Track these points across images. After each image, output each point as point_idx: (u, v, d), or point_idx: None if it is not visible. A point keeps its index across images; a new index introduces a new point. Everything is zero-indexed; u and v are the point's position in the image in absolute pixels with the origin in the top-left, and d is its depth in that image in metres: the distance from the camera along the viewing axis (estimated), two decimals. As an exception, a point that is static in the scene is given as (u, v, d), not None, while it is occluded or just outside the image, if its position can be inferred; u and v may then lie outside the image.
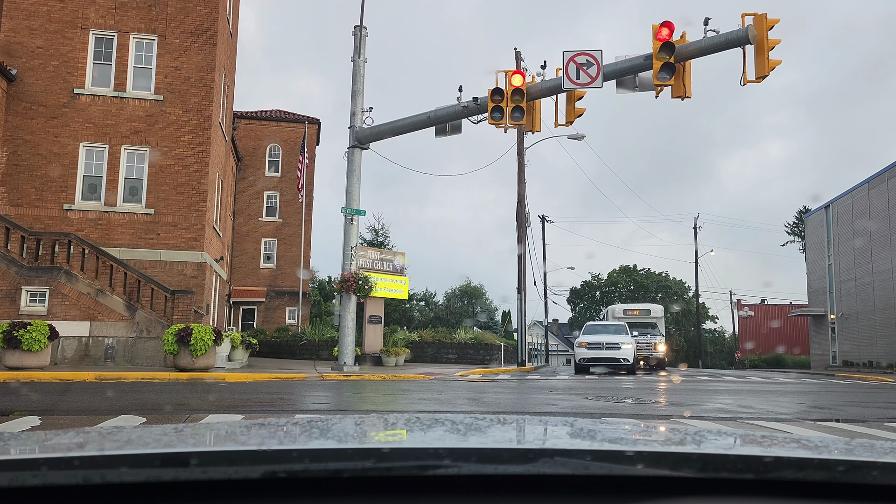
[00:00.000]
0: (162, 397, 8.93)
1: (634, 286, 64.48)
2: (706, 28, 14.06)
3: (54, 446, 1.03)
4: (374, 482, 0.85)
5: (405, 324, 40.66)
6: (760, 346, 51.33)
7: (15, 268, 16.42)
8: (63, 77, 19.30)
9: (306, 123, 35.31)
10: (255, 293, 34.69)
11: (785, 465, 0.88)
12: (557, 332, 68.45)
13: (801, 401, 10.96)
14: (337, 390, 11.18)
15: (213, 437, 1.15)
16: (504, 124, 15.51)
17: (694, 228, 51.11)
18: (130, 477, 0.80)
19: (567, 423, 1.43)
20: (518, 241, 27.45)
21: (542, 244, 45.42)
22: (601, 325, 27.02)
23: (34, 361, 13.93)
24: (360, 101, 17.87)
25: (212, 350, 15.30)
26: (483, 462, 0.87)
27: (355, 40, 18.15)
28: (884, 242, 32.70)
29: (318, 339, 26.19)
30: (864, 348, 34.46)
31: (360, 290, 17.33)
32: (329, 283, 43.84)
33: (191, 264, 19.35)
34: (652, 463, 0.89)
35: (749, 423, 7.05)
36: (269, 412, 7.76)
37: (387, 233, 49.34)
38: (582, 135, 28.40)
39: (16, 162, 18.89)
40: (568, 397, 10.40)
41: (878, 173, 33.83)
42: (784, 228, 61.78)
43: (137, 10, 19.84)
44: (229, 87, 23.90)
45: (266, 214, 36.07)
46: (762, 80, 13.66)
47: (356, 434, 1.17)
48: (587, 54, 14.82)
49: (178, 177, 19.51)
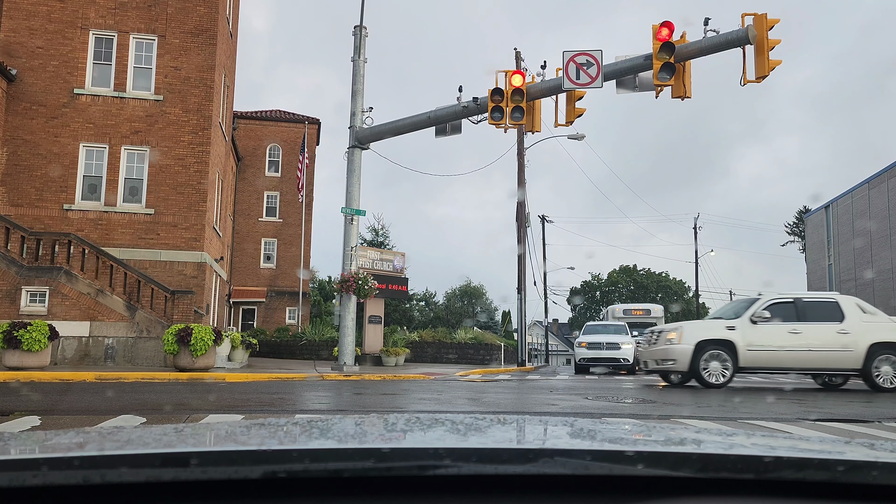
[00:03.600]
0: (162, 397, 8.93)
1: (634, 286, 64.53)
2: (706, 28, 14.07)
3: (54, 446, 1.03)
4: (374, 482, 0.85)
5: (405, 324, 40.67)
6: (760, 346, 51.29)
7: (15, 268, 16.42)
8: (63, 77, 19.30)
9: (306, 123, 35.33)
10: (255, 293, 34.70)
11: (785, 465, 0.88)
12: (557, 332, 68.50)
13: (801, 401, 10.96)
14: (337, 390, 11.19)
15: (213, 437, 1.15)
16: (504, 124, 15.52)
17: (694, 228, 51.13)
18: (130, 477, 0.80)
19: (567, 423, 1.43)
20: (518, 241, 27.46)
21: (543, 244, 45.46)
22: (601, 325, 27.05)
23: (34, 361, 13.93)
24: (360, 101, 17.87)
25: (212, 350, 15.30)
26: (483, 462, 0.87)
27: (355, 40, 18.16)
28: (884, 242, 32.71)
29: (318, 339, 26.19)
30: (864, 348, 34.43)
31: (360, 290, 17.33)
32: (329, 283, 43.86)
33: (191, 264, 19.36)
34: (652, 463, 0.89)
35: (749, 423, 7.05)
36: (269, 412, 7.77)
37: (387, 233, 49.33)
38: (582, 135, 28.40)
39: (16, 162, 18.90)
40: (568, 397, 10.41)
41: (879, 173, 33.84)
42: (784, 228, 61.84)
43: (137, 10, 19.85)
44: (229, 87, 23.90)
45: (266, 214, 36.09)
46: (762, 80, 13.68)
47: (356, 434, 1.17)
48: (587, 54, 14.83)
49: (178, 177, 19.52)
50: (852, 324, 13.12)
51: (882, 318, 13.50)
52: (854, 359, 12.96)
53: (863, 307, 13.60)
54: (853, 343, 12.94)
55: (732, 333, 13.00)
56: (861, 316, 13.30)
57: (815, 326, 13.06)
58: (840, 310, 13.27)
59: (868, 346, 12.92)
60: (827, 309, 13.32)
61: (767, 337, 12.96)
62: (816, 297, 13.90)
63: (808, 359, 12.98)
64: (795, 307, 13.34)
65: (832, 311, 13.26)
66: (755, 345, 12.92)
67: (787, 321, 13.09)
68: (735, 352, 12.91)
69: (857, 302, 13.72)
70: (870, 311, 13.59)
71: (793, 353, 12.92)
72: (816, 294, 14.43)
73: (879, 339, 13.00)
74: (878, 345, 12.96)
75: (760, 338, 12.95)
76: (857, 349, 12.93)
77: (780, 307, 13.29)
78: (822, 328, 13.04)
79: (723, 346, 12.96)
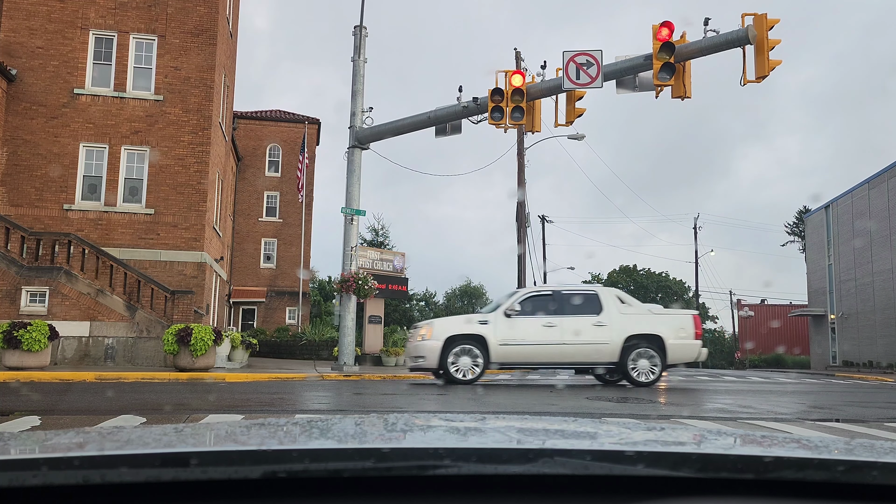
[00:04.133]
0: (162, 397, 8.93)
1: (634, 286, 64.48)
2: (706, 28, 14.08)
3: (54, 446, 1.03)
4: (374, 482, 0.85)
5: (405, 324, 40.66)
6: (760, 346, 51.36)
7: (15, 268, 16.42)
8: (63, 77, 19.30)
9: (306, 123, 35.33)
10: (255, 293, 34.70)
11: (785, 465, 0.88)
12: (557, 332, 68.43)
13: (801, 401, 10.97)
14: (337, 390, 11.19)
15: (213, 437, 1.15)
16: (504, 124, 15.52)
17: (694, 228, 51.13)
18: (130, 477, 0.80)
19: (567, 423, 1.43)
20: (518, 241, 27.47)
21: (543, 244, 45.44)
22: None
23: (34, 361, 13.93)
24: (360, 101, 17.88)
25: (212, 350, 15.30)
26: (483, 462, 0.88)
27: (355, 40, 18.16)
28: (884, 242, 32.71)
29: (318, 339, 26.20)
30: (864, 348, 34.47)
31: (360, 290, 17.33)
32: (329, 283, 43.85)
33: (191, 264, 19.36)
34: (652, 463, 0.89)
35: (749, 423, 7.05)
36: (269, 412, 7.77)
37: (387, 233, 49.37)
38: (582, 135, 28.40)
39: (16, 162, 18.90)
40: (568, 397, 10.41)
41: (879, 173, 33.85)
42: (784, 228, 61.86)
43: (137, 10, 19.85)
44: (229, 87, 23.91)
45: (266, 214, 36.10)
46: (762, 81, 13.68)
47: (356, 434, 1.17)
48: (587, 54, 14.83)
49: (178, 177, 19.52)
50: (610, 316, 12.59)
51: (640, 310, 13.04)
52: (610, 352, 12.44)
53: (622, 298, 13.10)
54: (609, 336, 12.46)
55: (484, 328, 12.45)
56: (619, 308, 12.79)
57: (571, 319, 12.50)
58: (599, 302, 12.71)
59: (624, 338, 12.43)
60: (585, 301, 12.73)
61: (521, 331, 12.40)
62: (576, 290, 13.30)
63: (564, 353, 12.42)
64: (553, 300, 12.81)
65: (591, 304, 12.68)
66: (507, 339, 12.35)
67: (544, 315, 12.53)
68: (486, 347, 12.34)
69: (617, 294, 13.26)
70: (628, 303, 13.09)
71: (547, 348, 12.38)
72: (577, 286, 13.82)
73: (636, 331, 12.53)
74: (635, 337, 12.50)
75: (514, 332, 12.38)
76: (613, 342, 12.45)
77: (539, 300, 12.77)
78: (579, 321, 12.46)
79: (474, 341, 12.37)
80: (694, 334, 12.87)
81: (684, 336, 12.74)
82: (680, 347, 12.69)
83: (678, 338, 12.69)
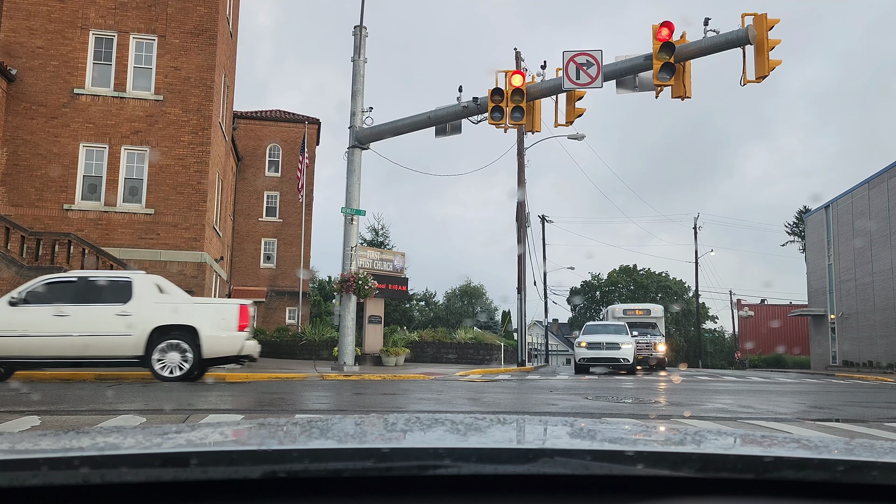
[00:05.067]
0: (162, 397, 8.93)
1: (634, 286, 64.49)
2: (706, 28, 14.06)
3: (54, 446, 1.03)
4: (374, 482, 0.85)
5: (405, 324, 40.65)
6: (760, 346, 51.36)
7: (15, 268, 16.42)
8: (63, 77, 19.31)
9: (306, 123, 35.33)
10: (254, 293, 34.70)
11: (785, 465, 0.88)
12: (557, 332, 68.48)
13: (801, 401, 10.97)
14: (337, 390, 11.19)
15: (213, 437, 1.15)
16: (504, 124, 15.52)
17: (694, 228, 51.16)
18: (130, 477, 0.81)
19: (567, 423, 1.43)
20: (518, 241, 27.47)
21: (543, 244, 45.47)
22: (601, 324, 27.07)
23: (34, 361, 13.88)
24: (360, 101, 17.87)
25: (212, 350, 15.26)
26: (483, 462, 0.88)
27: (355, 40, 18.15)
28: (884, 242, 32.71)
29: (318, 339, 26.19)
30: (864, 348, 34.47)
31: (360, 290, 17.32)
32: (329, 283, 43.86)
33: (191, 264, 19.36)
34: (652, 463, 0.89)
35: (749, 423, 7.05)
36: (269, 412, 7.77)
37: (387, 232, 49.39)
38: (582, 135, 28.40)
39: (16, 162, 18.90)
40: (568, 397, 10.41)
41: (878, 173, 33.85)
42: (784, 228, 61.85)
43: (137, 10, 19.86)
44: (229, 87, 23.91)
45: (266, 214, 36.11)
46: (762, 81, 13.68)
47: (356, 434, 1.17)
48: (587, 54, 14.83)
49: (178, 177, 19.53)
50: (139, 305, 11.41)
51: (179, 299, 12.00)
52: (134, 344, 11.23)
53: (162, 287, 12.05)
54: (134, 327, 11.26)
55: None
56: (155, 297, 11.66)
57: (90, 308, 11.33)
58: (130, 290, 11.57)
59: (151, 329, 11.25)
60: (115, 290, 11.60)
61: (28, 321, 11.13)
62: (106, 276, 12.30)
63: (75, 345, 11.14)
64: (76, 288, 11.64)
65: (120, 292, 11.54)
66: (8, 330, 11.06)
67: (62, 303, 11.30)
68: None
69: (157, 281, 12.18)
70: (168, 292, 12.03)
71: (54, 340, 11.12)
72: (109, 273, 12.78)
73: (166, 321, 11.36)
74: (165, 328, 11.34)
75: (19, 322, 11.11)
76: (138, 334, 11.23)
77: (59, 287, 11.58)
78: (99, 310, 11.31)
79: None
80: (237, 326, 11.75)
81: (225, 327, 11.68)
82: (218, 340, 11.60)
83: (218, 329, 11.61)
